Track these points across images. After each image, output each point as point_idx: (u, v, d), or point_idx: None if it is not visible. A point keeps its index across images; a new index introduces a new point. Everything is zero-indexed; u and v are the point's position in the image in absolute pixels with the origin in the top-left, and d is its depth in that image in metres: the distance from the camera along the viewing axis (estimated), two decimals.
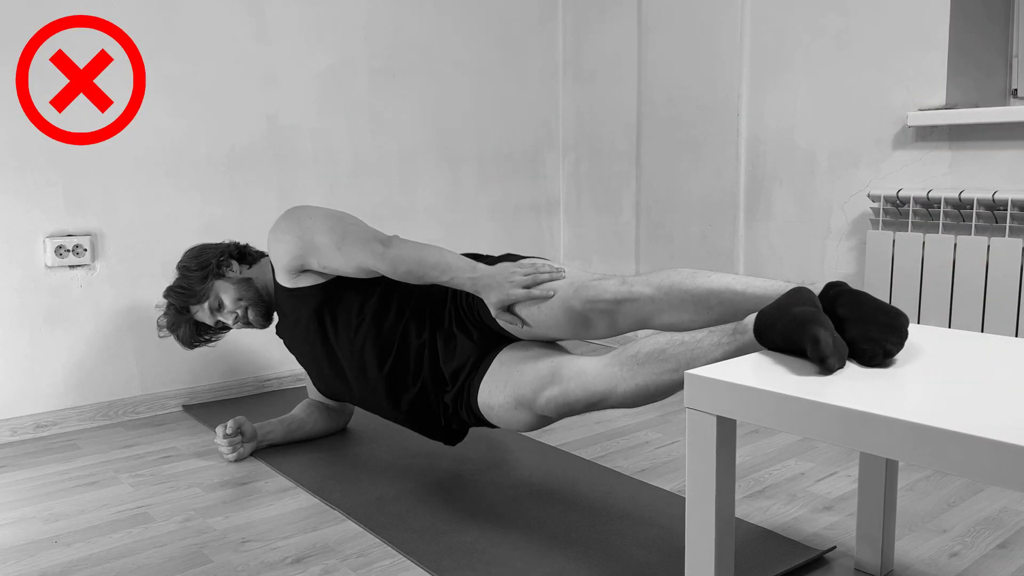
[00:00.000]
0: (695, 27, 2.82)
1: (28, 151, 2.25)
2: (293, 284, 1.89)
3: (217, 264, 2.01)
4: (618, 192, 3.16)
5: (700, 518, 1.15)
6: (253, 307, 2.02)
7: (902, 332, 1.19)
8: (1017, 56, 2.35)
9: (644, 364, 1.46)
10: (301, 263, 1.84)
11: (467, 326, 1.75)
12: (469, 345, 1.74)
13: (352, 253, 1.76)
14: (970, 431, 0.89)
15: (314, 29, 2.69)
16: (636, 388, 1.47)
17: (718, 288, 1.44)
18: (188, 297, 2.01)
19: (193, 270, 2.01)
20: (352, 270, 1.79)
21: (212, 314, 2.03)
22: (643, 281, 1.51)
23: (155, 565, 1.53)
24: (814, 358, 1.13)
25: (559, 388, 1.55)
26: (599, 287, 1.54)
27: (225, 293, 2.01)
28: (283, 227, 1.85)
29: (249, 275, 2.04)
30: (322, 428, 2.20)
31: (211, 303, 2.01)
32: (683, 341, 1.44)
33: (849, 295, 1.26)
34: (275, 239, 1.86)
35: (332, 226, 1.80)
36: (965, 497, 1.78)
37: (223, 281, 2.01)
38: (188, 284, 2.01)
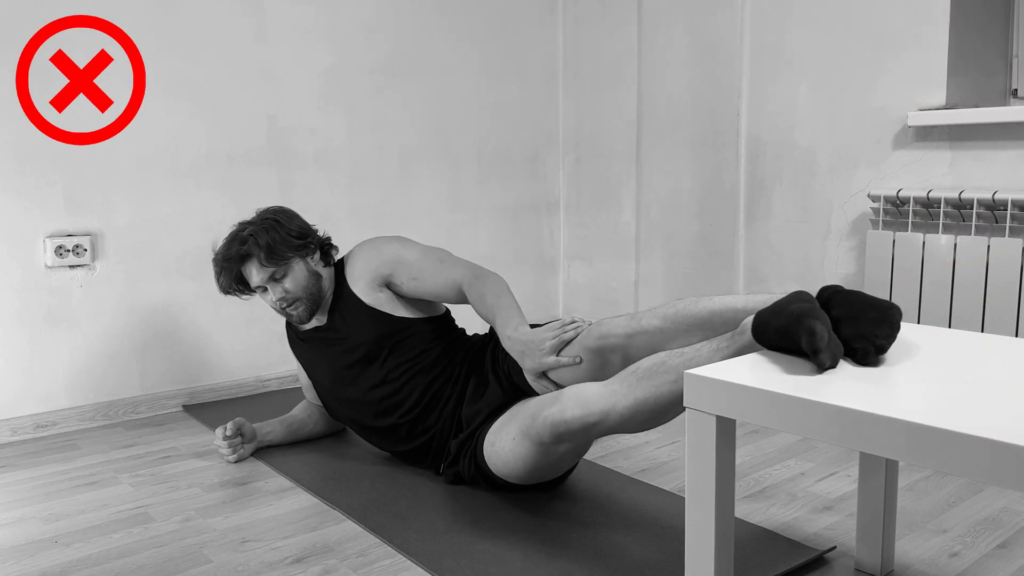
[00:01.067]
0: (695, 27, 2.82)
1: (28, 151, 2.25)
2: (370, 300, 1.89)
3: (311, 242, 1.92)
4: (618, 192, 3.16)
5: (700, 518, 1.15)
6: (306, 304, 1.92)
7: (893, 324, 1.19)
8: (1017, 56, 2.35)
9: (644, 379, 1.45)
10: (390, 272, 1.89)
11: (500, 376, 1.82)
12: (498, 393, 1.80)
13: (451, 265, 1.87)
14: (970, 431, 0.89)
15: (314, 29, 2.69)
16: (635, 402, 1.44)
17: (720, 308, 1.49)
18: (269, 253, 1.86)
19: (292, 233, 1.89)
20: (442, 285, 1.86)
21: (264, 281, 1.89)
22: (651, 314, 1.57)
23: (155, 565, 1.53)
24: (808, 349, 1.13)
25: (556, 407, 1.51)
26: (610, 323, 1.62)
27: (294, 275, 1.89)
28: (386, 238, 1.96)
29: (320, 271, 1.96)
30: (322, 429, 2.20)
31: (276, 273, 1.88)
32: (682, 352, 1.44)
33: (842, 296, 1.27)
34: (373, 246, 1.94)
35: (433, 248, 1.94)
36: (965, 497, 1.78)
37: (302, 263, 1.91)
38: (277, 242, 1.86)
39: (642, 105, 3.02)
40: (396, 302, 1.92)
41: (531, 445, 1.59)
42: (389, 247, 1.94)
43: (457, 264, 1.88)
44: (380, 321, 1.89)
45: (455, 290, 1.86)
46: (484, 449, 1.71)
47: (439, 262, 1.89)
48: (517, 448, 1.62)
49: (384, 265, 1.90)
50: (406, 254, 1.91)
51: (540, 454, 1.60)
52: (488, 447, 1.70)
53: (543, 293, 3.37)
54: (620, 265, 3.19)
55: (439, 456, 1.87)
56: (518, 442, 1.62)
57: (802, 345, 1.15)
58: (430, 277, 1.88)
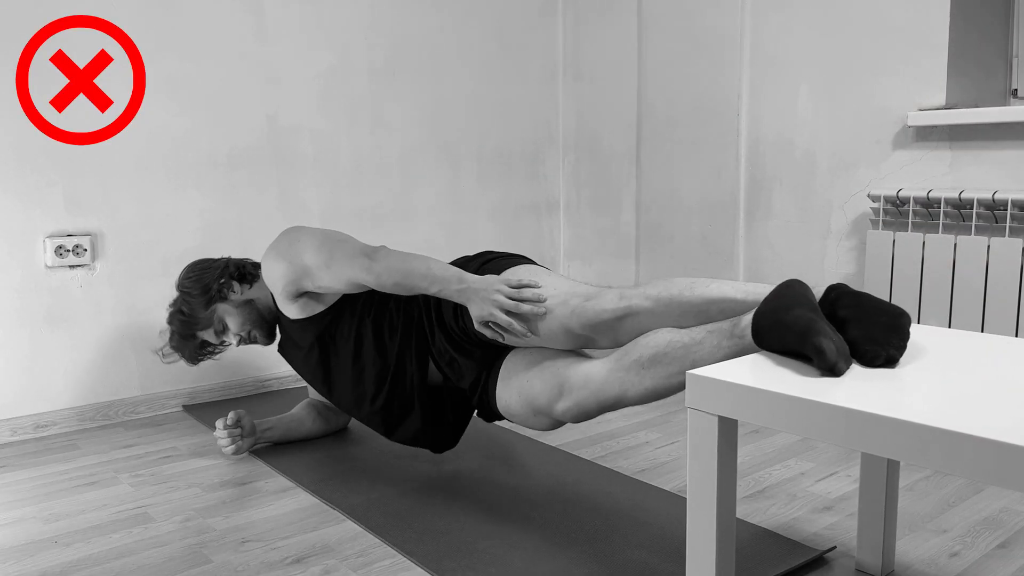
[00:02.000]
0: (695, 27, 2.81)
1: (28, 151, 2.25)
2: (296, 315, 1.89)
3: (219, 288, 2.01)
4: (618, 192, 3.16)
5: (701, 518, 1.15)
6: (257, 329, 2.02)
7: (904, 333, 1.19)
8: (1017, 56, 2.35)
9: (649, 368, 1.49)
10: (296, 287, 1.83)
11: (466, 347, 1.76)
12: (470, 364, 1.77)
13: (340, 270, 1.75)
14: (971, 431, 0.89)
15: (314, 29, 2.69)
16: (645, 391, 1.52)
17: (717, 297, 1.45)
18: (192, 325, 2.01)
19: (196, 296, 2.00)
20: (344, 286, 1.77)
21: (217, 336, 2.04)
22: (641, 294, 1.51)
23: (155, 565, 1.53)
24: (821, 368, 1.13)
25: (572, 399, 1.59)
26: (596, 307, 1.53)
27: (229, 317, 2.01)
28: (272, 255, 1.84)
29: (251, 296, 2.03)
30: (322, 428, 2.20)
31: (216, 327, 2.02)
32: (683, 343, 1.45)
33: (850, 296, 1.26)
34: (267, 267, 1.85)
35: (319, 245, 1.79)
36: (965, 497, 1.78)
37: (226, 304, 2.01)
38: (191, 311, 2.01)
39: (642, 105, 3.02)
40: (315, 299, 1.87)
41: (552, 421, 1.68)
42: (278, 265, 1.83)
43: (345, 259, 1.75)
44: (307, 326, 1.89)
45: (359, 287, 1.77)
46: (503, 413, 1.75)
47: (326, 267, 1.77)
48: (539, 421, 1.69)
49: (289, 284, 1.83)
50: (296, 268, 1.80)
51: (558, 424, 1.70)
52: (507, 414, 1.74)
53: None
54: (620, 265, 3.19)
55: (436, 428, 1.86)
56: (539, 417, 1.68)
57: (813, 364, 1.15)
58: (327, 284, 1.79)
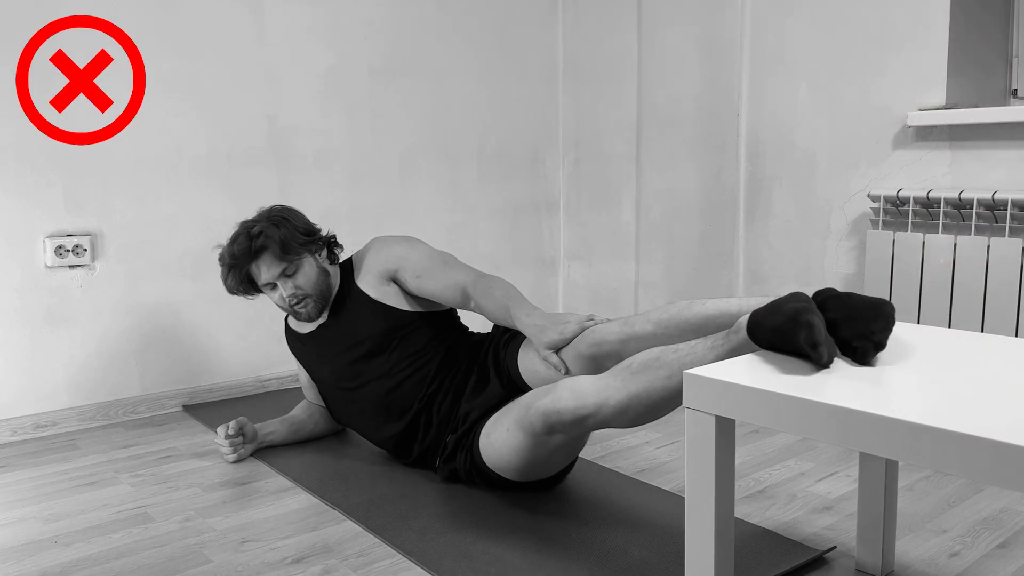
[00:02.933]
0: (695, 27, 2.82)
1: (28, 151, 2.25)
2: (377, 295, 1.92)
3: (318, 239, 1.94)
4: (618, 192, 3.16)
5: (700, 518, 1.15)
6: (317, 299, 1.93)
7: (888, 318, 1.20)
8: (1017, 56, 2.35)
9: (638, 373, 1.44)
10: (396, 267, 1.92)
11: (502, 374, 1.82)
12: (498, 390, 1.80)
13: (455, 268, 1.89)
14: (970, 431, 0.89)
15: (314, 29, 2.69)
16: (628, 396, 1.43)
17: (714, 313, 1.49)
18: (282, 249, 1.85)
19: (300, 230, 1.90)
20: (445, 286, 1.86)
21: (275, 277, 1.88)
22: (643, 319, 1.57)
23: (155, 565, 1.53)
24: (806, 343, 1.13)
25: (550, 398, 1.52)
26: (603, 331, 1.61)
27: (304, 271, 1.90)
28: (394, 238, 1.99)
29: (327, 268, 1.99)
30: (322, 429, 2.21)
31: (288, 269, 1.88)
32: (677, 348, 1.44)
33: (836, 299, 1.27)
34: (382, 243, 1.98)
35: (440, 251, 1.97)
36: (965, 497, 1.78)
37: (311, 259, 1.92)
38: (288, 236, 1.86)
39: (642, 105, 3.02)
40: (402, 297, 1.94)
41: (524, 436, 1.59)
42: (397, 244, 1.97)
43: (461, 267, 1.91)
44: (387, 315, 1.91)
45: (458, 291, 1.86)
46: (480, 442, 1.72)
47: (444, 263, 1.91)
48: (511, 439, 1.62)
49: (391, 260, 1.94)
50: (413, 253, 1.95)
51: (533, 445, 1.60)
52: (484, 439, 1.71)
53: (543, 293, 3.37)
54: (620, 265, 3.19)
55: (434, 454, 1.88)
56: (512, 433, 1.61)
57: (800, 340, 1.15)
58: (434, 276, 1.89)
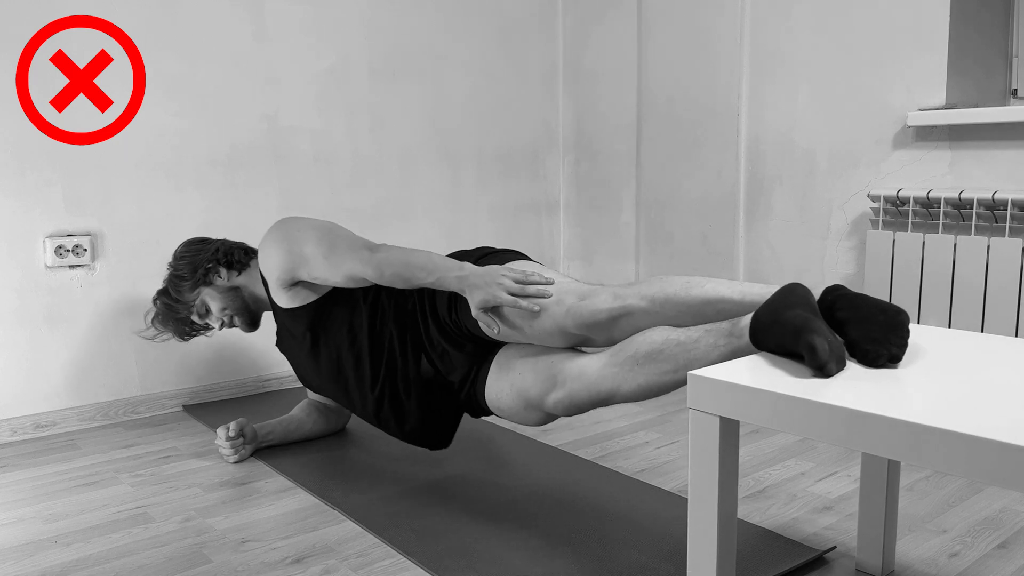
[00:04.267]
0: (695, 27, 2.81)
1: (28, 151, 2.25)
2: (288, 303, 1.89)
3: (205, 272, 2.05)
4: (618, 192, 3.16)
5: (702, 519, 1.15)
6: (239, 315, 2.07)
7: (904, 331, 1.19)
8: (1017, 56, 2.35)
9: (643, 364, 1.48)
10: (292, 276, 1.82)
11: (458, 340, 1.75)
12: (461, 357, 1.76)
13: (340, 261, 1.74)
14: (971, 431, 0.89)
15: (314, 29, 2.69)
16: (638, 388, 1.52)
17: (714, 298, 1.44)
18: (176, 306, 2.08)
19: (183, 278, 2.05)
20: (341, 278, 1.76)
21: (200, 318, 2.09)
22: (636, 294, 1.50)
23: (155, 565, 1.53)
24: (812, 366, 1.13)
25: (564, 391, 1.59)
26: (591, 307, 1.52)
27: (212, 301, 2.05)
28: (271, 241, 1.83)
29: (237, 283, 2.06)
30: (321, 428, 2.20)
31: (199, 310, 2.07)
32: (679, 342, 1.44)
33: (847, 298, 1.26)
34: (264, 254, 1.84)
35: (320, 237, 1.78)
36: (965, 497, 1.78)
37: (211, 289, 2.05)
38: (177, 294, 2.06)
39: (642, 105, 3.02)
40: (309, 288, 1.86)
41: (542, 415, 1.68)
42: (276, 252, 1.82)
43: (344, 253, 1.74)
44: (301, 316, 1.88)
45: (357, 282, 1.75)
46: (491, 408, 1.76)
47: (324, 259, 1.76)
48: (529, 415, 1.70)
49: (285, 273, 1.83)
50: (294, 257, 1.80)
51: (550, 418, 1.70)
52: (495, 408, 1.75)
53: None
54: (620, 265, 3.19)
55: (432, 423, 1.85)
56: (529, 411, 1.68)
57: (805, 362, 1.15)
58: (325, 275, 1.78)
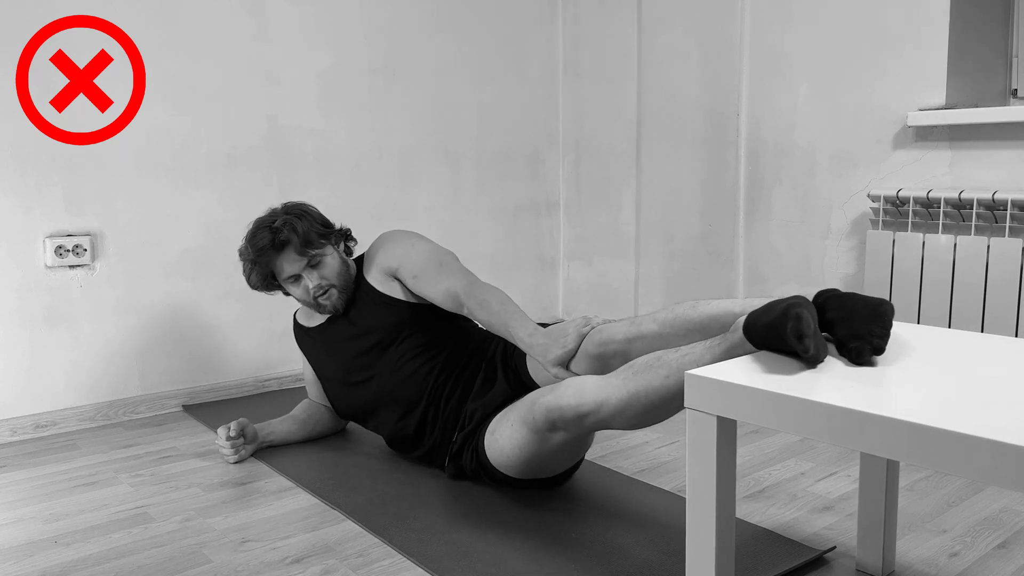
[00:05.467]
0: (695, 27, 2.81)
1: (28, 151, 2.25)
2: (384, 289, 1.93)
3: (344, 234, 2.00)
4: (618, 192, 3.16)
5: (701, 519, 1.15)
6: (339, 291, 1.96)
7: (884, 320, 1.20)
8: (1017, 56, 2.35)
9: (638, 373, 1.48)
10: (397, 265, 1.92)
11: (509, 373, 1.83)
12: (505, 388, 1.81)
13: (450, 274, 1.85)
14: (970, 431, 0.89)
15: (314, 29, 2.69)
16: (628, 395, 1.45)
17: (718, 313, 1.50)
18: (305, 241, 1.88)
19: (318, 222, 1.93)
20: (439, 290, 1.84)
21: (300, 270, 1.91)
22: (650, 319, 1.58)
23: (155, 565, 1.53)
24: (793, 335, 1.14)
25: (553, 395, 1.56)
26: (609, 330, 1.61)
27: (327, 262, 1.93)
28: (396, 234, 1.98)
29: (348, 261, 2.04)
30: (322, 429, 2.21)
31: (312, 260, 1.90)
32: (678, 349, 1.48)
33: (836, 299, 1.29)
34: (388, 239, 1.97)
35: (437, 250, 1.92)
36: (965, 497, 1.78)
37: (333, 250, 1.96)
38: (307, 229, 1.88)
39: (642, 105, 3.02)
40: (409, 292, 1.95)
41: (527, 432, 1.63)
42: (400, 243, 1.96)
43: (456, 272, 1.85)
44: (394, 308, 1.93)
45: (450, 298, 1.82)
46: (485, 439, 1.75)
47: (439, 267, 1.87)
48: (514, 435, 1.66)
49: (392, 259, 1.94)
50: (412, 253, 1.93)
51: (535, 442, 1.63)
52: (489, 436, 1.73)
53: (543, 293, 3.37)
54: (620, 265, 3.19)
55: (443, 449, 1.88)
56: (516, 429, 1.65)
57: (787, 331, 1.16)
58: (428, 280, 1.87)
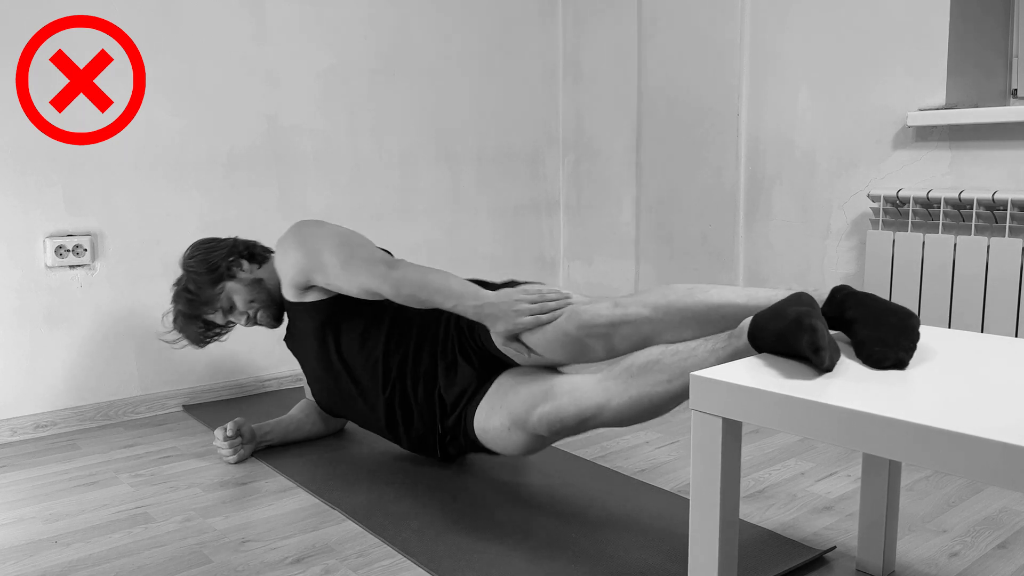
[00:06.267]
0: (695, 27, 2.82)
1: (28, 151, 2.25)
2: (298, 299, 1.88)
3: (227, 266, 1.97)
4: (618, 192, 3.16)
5: (704, 520, 1.15)
6: (264, 309, 2.00)
7: (914, 334, 1.17)
8: (1017, 56, 2.35)
9: (638, 376, 1.44)
10: (306, 279, 1.82)
11: (468, 352, 1.74)
12: (470, 371, 1.73)
13: (357, 273, 1.72)
14: (971, 431, 0.89)
15: (314, 29, 2.69)
16: (630, 400, 1.44)
17: (719, 303, 1.42)
18: (199, 304, 1.97)
19: (202, 274, 1.96)
20: (356, 290, 1.74)
21: (224, 315, 2.00)
22: (638, 302, 1.47)
23: (155, 565, 1.53)
24: (808, 348, 1.11)
25: (551, 404, 1.53)
26: (592, 311, 1.50)
27: (237, 295, 1.97)
28: (290, 242, 1.82)
29: (260, 275, 2.01)
30: (321, 429, 2.20)
31: (223, 306, 1.98)
32: (677, 351, 1.43)
33: (856, 297, 1.25)
34: (282, 253, 1.84)
35: (339, 244, 1.76)
36: (965, 497, 1.78)
37: (234, 283, 1.98)
38: (198, 290, 1.96)
39: (642, 105, 3.02)
40: (324, 291, 1.86)
41: (526, 436, 1.62)
42: (295, 250, 1.81)
43: (363, 265, 1.72)
44: (313, 312, 1.87)
45: (372, 295, 1.74)
46: (477, 433, 1.72)
47: (344, 265, 1.74)
48: (512, 437, 1.65)
49: (299, 275, 1.82)
50: (311, 259, 1.79)
51: (535, 442, 1.65)
52: (481, 433, 1.70)
53: None
54: (620, 265, 3.19)
55: (431, 439, 1.84)
56: (512, 432, 1.63)
57: (803, 344, 1.13)
58: (345, 284, 1.76)
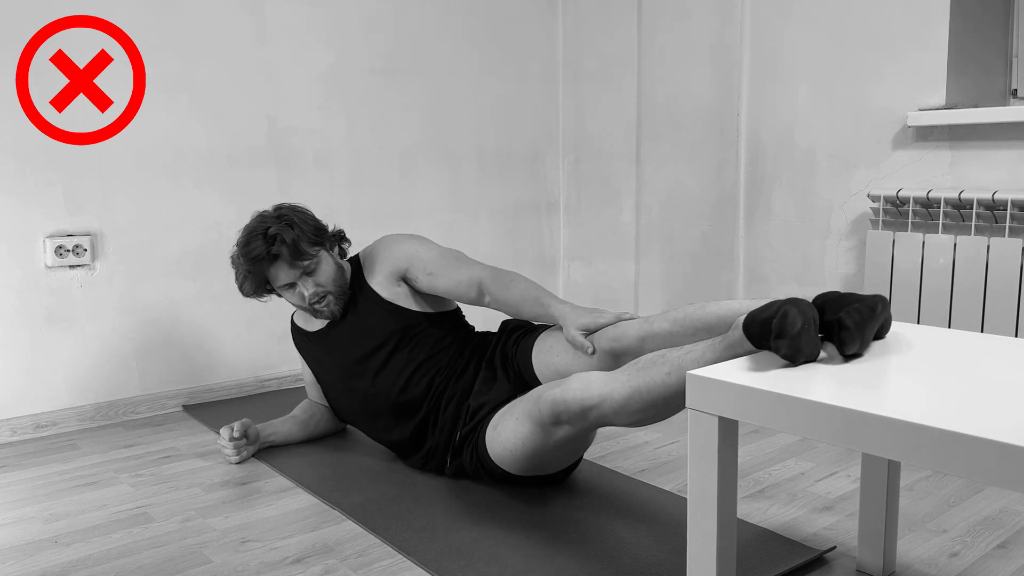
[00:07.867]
0: (695, 27, 2.81)
1: (28, 151, 2.25)
2: (389, 295, 1.94)
3: (338, 236, 1.98)
4: (618, 192, 3.16)
5: (702, 519, 1.15)
6: (335, 297, 1.92)
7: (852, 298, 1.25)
8: (1017, 56, 2.35)
9: (642, 370, 1.50)
10: (407, 265, 1.93)
11: (510, 371, 1.85)
12: (507, 386, 1.83)
13: (469, 264, 1.90)
14: (970, 432, 0.89)
15: (314, 29, 2.69)
16: (631, 390, 1.48)
17: (725, 313, 1.54)
18: (295, 250, 1.82)
19: (309, 223, 1.87)
20: (459, 282, 1.88)
21: (295, 278, 1.87)
22: (662, 318, 1.63)
23: (155, 565, 1.53)
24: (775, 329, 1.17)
25: (560, 389, 1.58)
26: (623, 327, 1.66)
27: (323, 268, 1.89)
28: (402, 235, 1.99)
29: (343, 265, 2.00)
30: (322, 429, 2.21)
31: (307, 269, 1.86)
32: (681, 347, 1.51)
33: (834, 300, 1.31)
34: (392, 241, 1.98)
35: (447, 250, 1.96)
36: (965, 497, 1.78)
37: (328, 255, 1.92)
38: (300, 237, 1.83)
39: (642, 105, 3.02)
40: (411, 297, 1.96)
41: (532, 425, 1.63)
42: (407, 243, 1.97)
43: (474, 263, 1.92)
44: (398, 315, 1.93)
45: (473, 286, 1.87)
46: (487, 434, 1.75)
47: (456, 260, 1.92)
48: (518, 428, 1.66)
49: (401, 259, 1.95)
50: (423, 250, 1.95)
51: (539, 436, 1.64)
52: (491, 431, 1.74)
53: None
54: (620, 265, 3.19)
55: (444, 448, 1.87)
56: (520, 422, 1.66)
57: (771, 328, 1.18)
58: (447, 273, 1.90)
